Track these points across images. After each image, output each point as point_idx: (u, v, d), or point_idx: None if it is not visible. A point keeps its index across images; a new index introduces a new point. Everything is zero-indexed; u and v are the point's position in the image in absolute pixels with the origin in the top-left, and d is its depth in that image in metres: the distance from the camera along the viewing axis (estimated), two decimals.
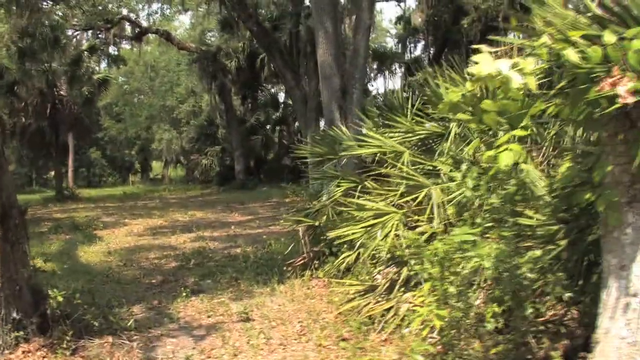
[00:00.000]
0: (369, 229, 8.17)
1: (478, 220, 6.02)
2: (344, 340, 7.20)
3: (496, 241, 5.86)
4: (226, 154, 31.96)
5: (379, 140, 8.56)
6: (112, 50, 29.81)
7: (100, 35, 27.86)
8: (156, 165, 48.92)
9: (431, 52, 30.70)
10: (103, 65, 31.69)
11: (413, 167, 8.34)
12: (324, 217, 10.69)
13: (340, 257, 9.58)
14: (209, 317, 8.56)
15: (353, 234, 8.36)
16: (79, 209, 24.13)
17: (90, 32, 27.89)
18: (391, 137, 9.61)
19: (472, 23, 27.22)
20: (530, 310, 5.63)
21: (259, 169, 30.60)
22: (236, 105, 30.62)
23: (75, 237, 16.30)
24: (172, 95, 39.08)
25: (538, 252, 5.60)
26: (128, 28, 29.21)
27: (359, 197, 9.41)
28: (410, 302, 7.68)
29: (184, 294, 9.45)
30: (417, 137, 9.28)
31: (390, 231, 7.81)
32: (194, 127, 34.58)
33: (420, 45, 31.65)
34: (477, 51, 4.24)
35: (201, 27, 35.28)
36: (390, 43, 30.44)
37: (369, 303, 8.09)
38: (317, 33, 18.94)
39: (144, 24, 29.86)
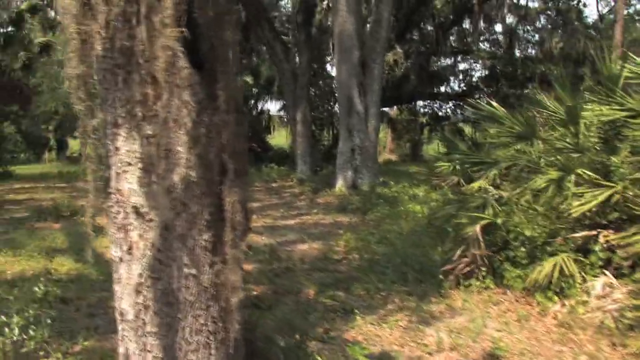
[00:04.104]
0: None
1: None
2: None
3: None
4: None
5: None
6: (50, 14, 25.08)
7: None
8: (73, 143, 43.55)
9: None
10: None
11: None
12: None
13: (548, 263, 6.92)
14: (429, 354, 5.61)
15: None
16: (29, 190, 19.79)
17: None
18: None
19: (446, 4, 24.94)
20: None
21: None
22: None
23: (72, 227, 12.48)
24: None
25: None
26: None
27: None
28: None
29: (357, 316, 6.43)
30: None
31: None
32: None
33: None
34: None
35: None
36: None
37: None
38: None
39: None
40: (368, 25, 17.73)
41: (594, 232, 7.34)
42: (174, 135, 3.50)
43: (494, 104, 8.31)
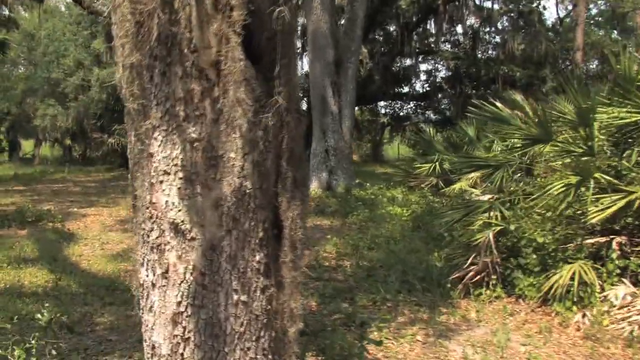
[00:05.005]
0: None
1: None
2: None
3: None
4: None
5: None
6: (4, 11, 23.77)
7: None
8: (25, 144, 41.92)
9: None
10: None
11: None
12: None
13: (566, 271, 6.59)
14: None
15: None
16: None
17: None
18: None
19: (412, 4, 24.61)
20: None
21: None
22: None
23: (39, 233, 11.66)
24: (58, 67, 32.87)
25: None
26: None
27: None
28: None
29: (374, 331, 5.94)
30: None
31: None
32: (97, 102, 28.98)
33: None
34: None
35: None
36: None
37: None
38: None
39: None
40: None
41: (607, 239, 7.03)
42: (226, 138, 2.92)
43: (499, 104, 7.88)
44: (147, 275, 3.23)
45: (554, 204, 7.20)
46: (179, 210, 3.06)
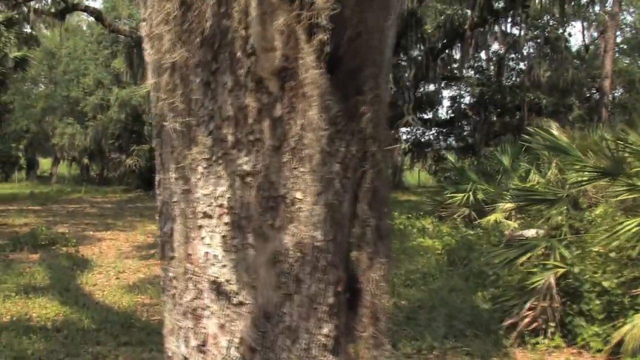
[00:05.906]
0: None
1: None
2: None
3: None
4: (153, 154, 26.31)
5: None
6: (27, 28, 23.36)
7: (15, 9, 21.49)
8: (43, 162, 41.57)
9: None
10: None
11: None
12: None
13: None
14: None
15: None
16: (0, 213, 17.96)
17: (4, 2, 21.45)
18: None
19: (437, 28, 23.90)
20: None
21: None
22: None
23: (52, 258, 10.91)
24: (78, 86, 32.49)
25: None
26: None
27: None
28: None
29: None
30: None
31: None
32: (115, 122, 28.47)
33: None
34: None
35: (115, 12, 29.19)
36: None
37: None
38: None
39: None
40: None
41: None
42: (290, 173, 2.13)
43: (555, 132, 7.07)
44: (178, 347, 2.43)
45: (621, 244, 6.35)
46: (223, 266, 2.29)
